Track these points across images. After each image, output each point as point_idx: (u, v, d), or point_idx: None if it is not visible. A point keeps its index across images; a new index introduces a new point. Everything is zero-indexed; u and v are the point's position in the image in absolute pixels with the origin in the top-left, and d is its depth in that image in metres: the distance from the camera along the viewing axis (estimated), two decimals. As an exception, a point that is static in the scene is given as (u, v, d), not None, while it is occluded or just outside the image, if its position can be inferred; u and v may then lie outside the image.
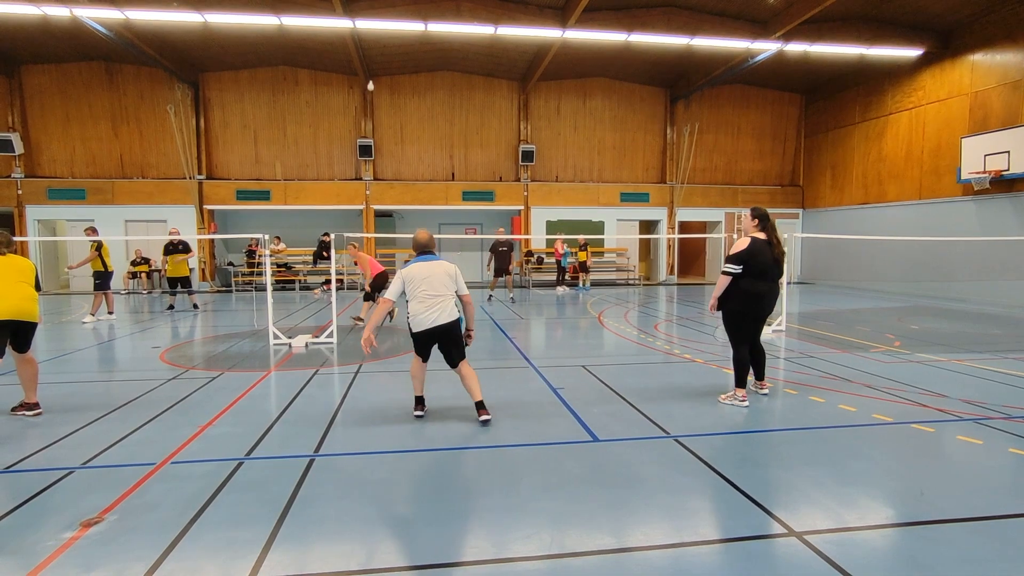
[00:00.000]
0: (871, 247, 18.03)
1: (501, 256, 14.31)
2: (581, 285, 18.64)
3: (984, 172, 14.17)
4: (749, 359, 5.47)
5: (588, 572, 2.73)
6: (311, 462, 4.07)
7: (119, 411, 5.28)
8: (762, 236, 5.36)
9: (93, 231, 11.44)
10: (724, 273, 5.36)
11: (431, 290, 4.83)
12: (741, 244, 5.33)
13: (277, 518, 3.23)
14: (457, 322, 4.93)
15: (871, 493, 3.58)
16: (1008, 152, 13.66)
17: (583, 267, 18.25)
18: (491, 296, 14.75)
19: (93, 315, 11.38)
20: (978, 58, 15.04)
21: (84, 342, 9.15)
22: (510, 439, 4.53)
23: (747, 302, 5.29)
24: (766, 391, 5.71)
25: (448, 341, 4.95)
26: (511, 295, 14.92)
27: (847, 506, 3.39)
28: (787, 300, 10.14)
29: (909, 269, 16.88)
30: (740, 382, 5.44)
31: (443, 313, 4.84)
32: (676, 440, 4.48)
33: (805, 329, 10.04)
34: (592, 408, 5.33)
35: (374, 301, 10.74)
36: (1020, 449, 4.26)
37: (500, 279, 14.81)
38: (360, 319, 10.74)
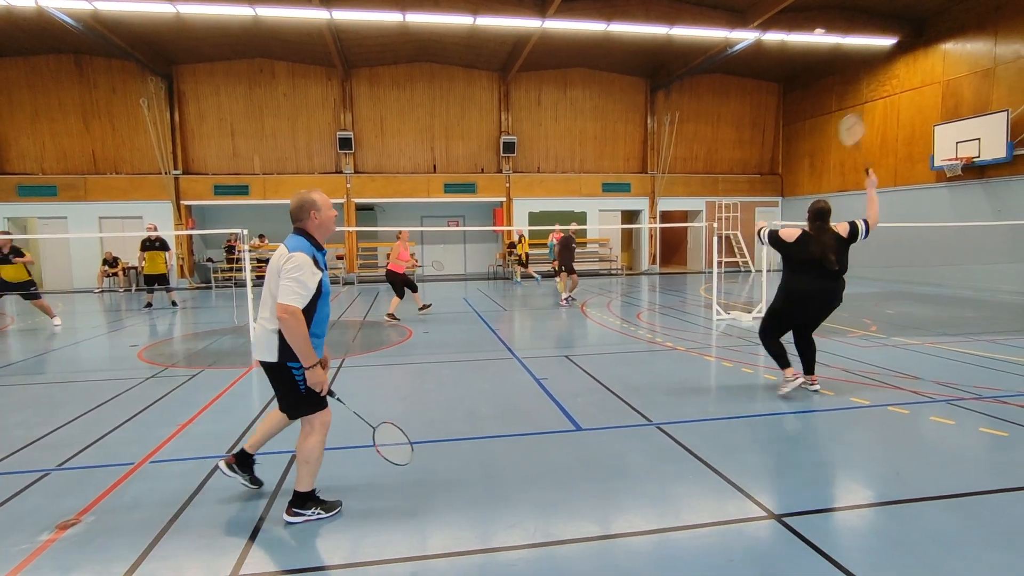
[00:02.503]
0: (848, 234, 18.25)
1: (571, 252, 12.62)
2: (535, 277, 17.91)
3: (956, 159, 14.45)
4: (779, 346, 5.25)
5: (572, 560, 2.76)
6: (293, 457, 4.03)
7: (96, 411, 5.18)
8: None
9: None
10: (757, 234, 5.50)
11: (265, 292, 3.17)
12: (790, 232, 5.09)
13: (259, 514, 3.21)
14: (274, 368, 3.06)
15: (848, 475, 3.66)
16: (979, 139, 13.94)
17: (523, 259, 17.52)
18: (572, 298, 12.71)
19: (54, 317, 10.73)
20: (950, 47, 15.29)
21: (59, 342, 8.96)
22: (493, 430, 4.54)
23: (787, 300, 5.08)
24: (815, 386, 5.34)
25: (273, 385, 3.17)
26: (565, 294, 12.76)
27: (825, 488, 3.46)
28: (766, 287, 10.27)
29: (885, 255, 17.19)
30: (781, 363, 5.27)
31: (255, 335, 3.14)
32: (658, 427, 4.52)
33: (785, 316, 10.17)
34: (575, 398, 5.36)
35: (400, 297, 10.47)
36: (990, 428, 4.37)
37: (557, 276, 13.04)
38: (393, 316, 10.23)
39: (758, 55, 18.05)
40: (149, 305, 12.89)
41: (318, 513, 3.12)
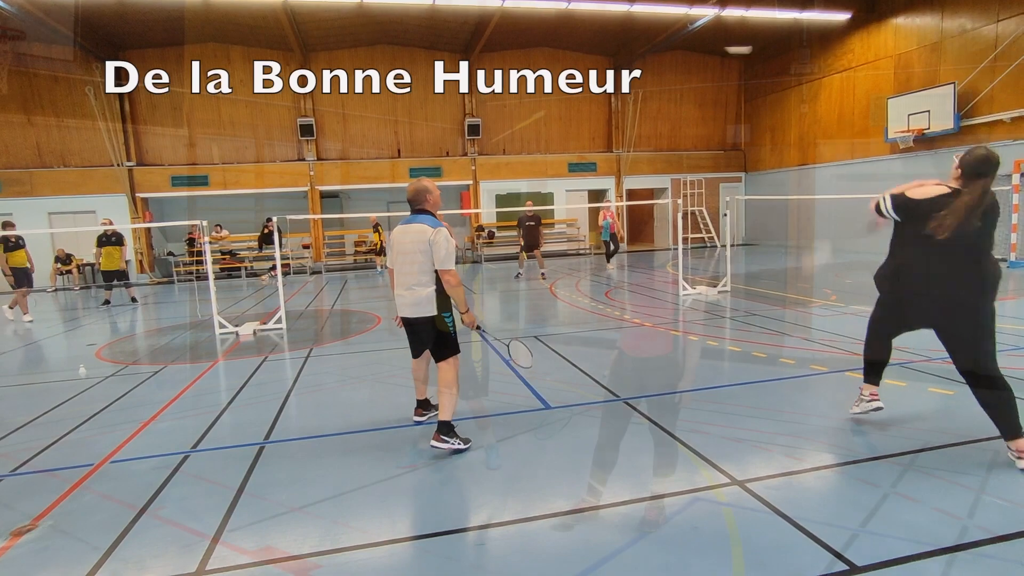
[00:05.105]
0: (809, 207, 18.73)
1: (530, 231, 13.22)
2: (379, 269, 17.44)
3: (908, 131, 14.86)
4: (883, 352, 3.90)
5: (543, 534, 2.80)
6: (261, 449, 3.98)
7: (52, 413, 5.01)
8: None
9: (12, 225, 10.66)
10: (876, 209, 3.72)
11: (398, 265, 3.92)
12: (926, 191, 3.60)
13: (227, 509, 3.16)
14: (432, 320, 3.88)
15: (808, 439, 3.79)
16: (928, 111, 14.36)
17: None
18: (519, 274, 13.59)
19: (26, 313, 10.62)
20: (900, 21, 15.64)
21: (10, 344, 8.61)
22: (463, 411, 4.54)
23: (898, 275, 3.71)
24: None
25: (425, 336, 3.99)
26: (543, 271, 13.54)
27: (787, 452, 3.58)
28: (731, 262, 10.48)
29: (844, 226, 17.66)
30: (868, 375, 3.92)
31: (407, 300, 3.86)
32: (626, 403, 4.60)
33: (750, 288, 10.42)
34: (544, 377, 5.40)
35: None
36: (938, 388, 4.58)
37: (530, 255, 13.62)
38: None
39: (719, 32, 18.14)
40: (107, 302, 12.45)
41: (458, 443, 3.73)
